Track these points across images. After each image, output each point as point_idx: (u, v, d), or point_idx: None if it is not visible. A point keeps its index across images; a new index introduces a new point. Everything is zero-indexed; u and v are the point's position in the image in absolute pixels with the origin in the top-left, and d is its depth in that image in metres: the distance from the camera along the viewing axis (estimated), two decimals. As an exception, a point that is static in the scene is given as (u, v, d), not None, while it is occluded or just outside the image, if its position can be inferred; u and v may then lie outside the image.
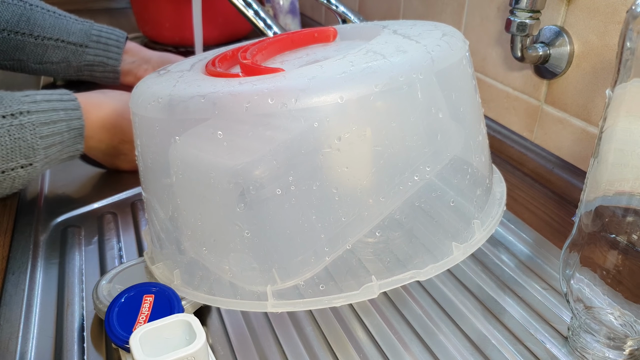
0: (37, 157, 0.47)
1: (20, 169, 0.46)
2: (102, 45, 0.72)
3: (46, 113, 0.48)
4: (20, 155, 0.45)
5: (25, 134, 0.45)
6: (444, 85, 0.36)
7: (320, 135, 0.32)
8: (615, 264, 0.34)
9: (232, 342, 0.39)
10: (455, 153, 0.37)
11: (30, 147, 0.46)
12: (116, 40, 0.73)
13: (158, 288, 0.38)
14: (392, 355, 0.38)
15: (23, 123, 0.45)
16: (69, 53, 0.71)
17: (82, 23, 0.72)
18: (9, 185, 0.47)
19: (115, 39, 0.73)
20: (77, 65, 0.72)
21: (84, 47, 0.71)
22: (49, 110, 0.48)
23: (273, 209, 0.34)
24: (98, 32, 0.72)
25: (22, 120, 0.45)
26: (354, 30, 0.48)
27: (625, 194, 0.33)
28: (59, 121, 0.49)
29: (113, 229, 0.52)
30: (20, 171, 0.46)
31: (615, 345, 0.36)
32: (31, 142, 0.46)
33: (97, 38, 0.72)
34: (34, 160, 0.47)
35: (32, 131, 0.46)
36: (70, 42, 0.70)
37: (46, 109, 0.48)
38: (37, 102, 0.48)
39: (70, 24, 0.70)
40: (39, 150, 0.47)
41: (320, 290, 0.35)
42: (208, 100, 0.33)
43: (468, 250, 0.37)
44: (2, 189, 0.47)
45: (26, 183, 0.49)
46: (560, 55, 0.55)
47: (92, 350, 0.38)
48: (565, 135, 0.57)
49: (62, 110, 0.50)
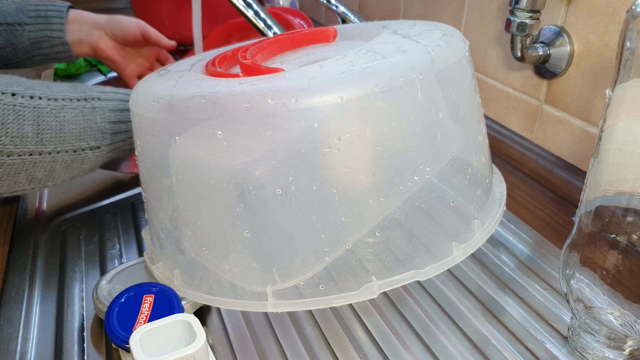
0: (105, 142, 0.49)
1: (89, 151, 0.48)
2: (42, 19, 0.69)
3: (114, 102, 0.51)
4: (91, 136, 0.48)
5: (97, 117, 0.48)
6: (444, 85, 0.36)
7: (320, 135, 0.32)
8: (615, 264, 0.34)
9: (232, 342, 0.39)
10: (455, 153, 0.37)
11: (100, 130, 0.49)
12: (56, 10, 0.70)
13: (158, 288, 0.38)
14: (392, 355, 0.38)
15: (95, 107, 0.49)
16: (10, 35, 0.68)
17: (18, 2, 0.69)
18: (78, 166, 0.48)
19: (56, 9, 0.70)
20: (23, 46, 0.69)
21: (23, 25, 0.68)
22: (116, 100, 0.51)
23: (273, 209, 0.34)
24: (35, 7, 0.69)
25: (94, 104, 0.49)
26: (354, 30, 0.48)
27: (625, 194, 0.33)
28: (125, 110, 0.51)
29: (113, 229, 0.52)
30: (89, 153, 0.48)
31: (615, 345, 0.36)
32: (101, 125, 0.49)
33: (35, 13, 0.69)
34: (102, 144, 0.49)
35: (102, 115, 0.49)
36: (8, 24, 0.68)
37: (114, 98, 0.51)
38: (105, 92, 0.51)
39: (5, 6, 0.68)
40: (107, 134, 0.49)
41: (320, 290, 0.35)
42: (208, 100, 0.33)
43: (468, 250, 0.37)
44: (72, 169, 0.48)
45: (92, 167, 0.50)
46: (560, 55, 0.55)
47: (92, 350, 0.38)
48: (565, 135, 0.57)
49: (127, 102, 0.51)
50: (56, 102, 0.46)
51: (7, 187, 0.45)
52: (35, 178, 0.46)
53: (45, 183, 0.47)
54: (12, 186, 0.45)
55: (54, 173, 0.47)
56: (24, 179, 0.45)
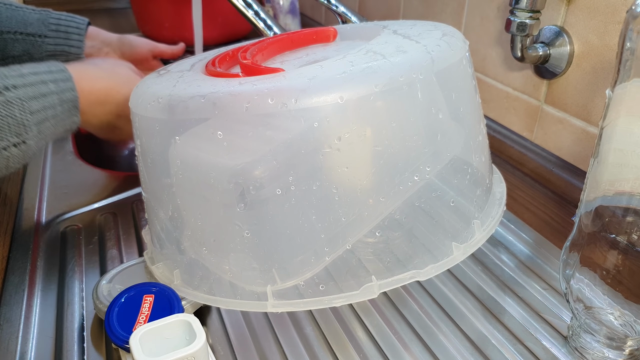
0: (30, 134, 0.44)
1: (13, 148, 0.43)
2: (62, 33, 0.69)
3: (34, 87, 0.44)
4: (10, 133, 0.42)
5: (14, 111, 0.42)
6: (444, 85, 0.36)
7: (320, 135, 0.32)
8: (615, 264, 0.34)
9: (232, 342, 0.39)
10: (455, 153, 0.37)
11: (20, 124, 0.43)
12: (76, 27, 0.70)
13: (158, 288, 0.38)
14: (392, 355, 0.38)
15: (10, 99, 0.42)
16: (29, 45, 0.67)
17: (39, 13, 0.69)
18: (3, 165, 0.43)
19: (76, 26, 0.70)
20: (39, 57, 0.69)
21: (43, 37, 0.68)
22: (37, 84, 0.45)
23: (273, 209, 0.34)
24: (56, 21, 0.69)
25: (8, 96, 0.42)
26: (354, 30, 0.48)
27: (625, 194, 0.33)
28: (50, 94, 0.46)
29: (113, 229, 0.52)
30: (13, 150, 0.43)
31: (615, 345, 0.36)
32: (20, 118, 0.43)
33: (56, 27, 0.69)
34: (26, 138, 0.43)
35: (20, 107, 0.43)
36: (28, 34, 0.67)
37: (34, 82, 0.45)
38: (23, 75, 0.45)
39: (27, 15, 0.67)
40: (30, 126, 0.44)
41: (320, 290, 0.35)
42: (208, 100, 0.33)
43: (468, 250, 0.37)
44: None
45: (23, 162, 0.45)
46: (560, 55, 0.55)
47: (92, 350, 0.38)
48: (565, 135, 0.57)
49: (51, 82, 0.46)
50: None
51: None
52: None
53: None
54: None
55: None
56: None
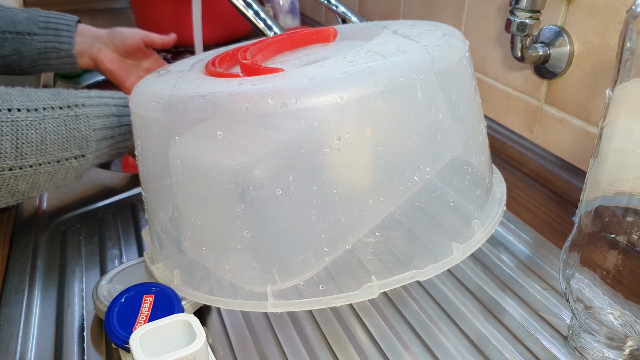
0: (90, 149, 0.48)
1: (73, 160, 0.47)
2: (52, 30, 0.70)
3: (99, 107, 0.49)
4: (75, 145, 0.47)
5: (80, 125, 0.47)
6: (444, 85, 0.36)
7: (320, 135, 0.32)
8: (615, 264, 0.34)
9: (232, 342, 0.39)
10: (455, 153, 0.37)
11: (84, 139, 0.47)
12: (66, 24, 0.71)
13: (158, 288, 0.38)
14: (392, 355, 0.38)
15: (78, 114, 0.47)
16: (18, 44, 0.69)
17: (28, 12, 0.70)
18: (62, 175, 0.48)
19: (65, 23, 0.71)
20: (30, 55, 0.70)
21: (33, 35, 0.69)
22: (101, 105, 0.50)
23: (273, 209, 0.34)
24: (45, 19, 0.70)
25: (77, 112, 0.47)
26: (354, 31, 0.48)
27: (625, 194, 0.33)
28: (111, 116, 0.50)
29: (113, 229, 0.52)
30: (74, 162, 0.47)
31: (615, 345, 0.36)
32: (85, 133, 0.47)
33: (45, 24, 0.69)
34: (86, 152, 0.48)
35: (86, 123, 0.48)
36: (17, 32, 0.68)
37: (99, 104, 0.50)
38: (90, 97, 0.50)
39: (16, 15, 0.69)
40: (91, 142, 0.48)
41: (320, 290, 0.35)
42: (208, 100, 0.33)
43: (468, 250, 0.37)
44: (57, 180, 0.48)
45: (78, 175, 0.49)
46: (560, 55, 0.55)
47: (92, 350, 0.38)
48: (565, 135, 0.57)
49: (114, 106, 0.51)
50: (36, 112, 0.45)
51: None
52: (18, 191, 0.45)
53: (29, 194, 0.47)
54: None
55: (37, 185, 0.46)
56: (6, 193, 0.45)
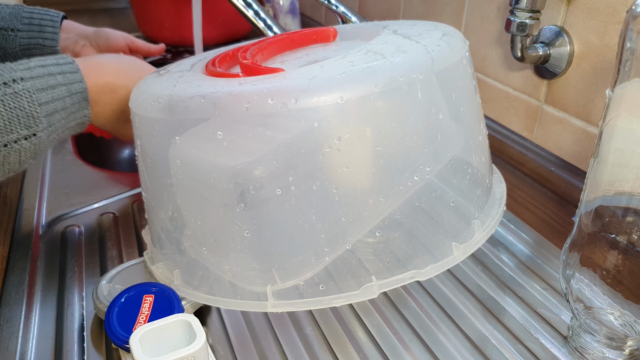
0: (40, 126, 0.44)
1: (23, 141, 0.43)
2: (36, 27, 0.68)
3: (42, 78, 0.44)
4: (20, 125, 0.42)
5: (22, 102, 0.42)
6: (444, 86, 0.36)
7: (320, 135, 0.32)
8: (615, 264, 0.34)
9: (232, 342, 0.39)
10: (455, 153, 0.37)
11: (29, 116, 0.43)
12: (50, 20, 0.69)
13: (158, 288, 0.38)
14: (392, 355, 0.38)
15: (17, 91, 0.42)
16: (2, 40, 0.67)
17: (12, 7, 0.68)
18: (16, 159, 0.43)
19: (50, 19, 0.69)
20: (13, 51, 0.68)
21: (16, 31, 0.67)
22: (45, 76, 0.45)
23: (273, 209, 0.34)
24: (29, 14, 0.68)
25: (16, 88, 0.42)
26: (354, 30, 0.48)
27: (625, 194, 0.33)
28: (58, 86, 0.45)
29: (113, 229, 0.52)
30: (24, 143, 0.43)
31: (615, 345, 0.36)
32: (29, 110, 0.43)
33: (29, 20, 0.68)
34: (36, 130, 0.43)
35: (29, 99, 0.43)
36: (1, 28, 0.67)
37: (42, 74, 0.45)
38: (30, 68, 0.45)
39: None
40: (39, 118, 0.43)
41: (320, 290, 0.35)
42: (208, 100, 0.33)
43: (468, 250, 0.37)
44: (11, 164, 0.44)
45: (35, 156, 0.45)
46: (560, 55, 0.55)
47: (92, 350, 0.38)
48: (565, 135, 0.57)
49: (59, 74, 0.46)
50: None
51: None
52: None
53: None
54: None
55: None
56: None
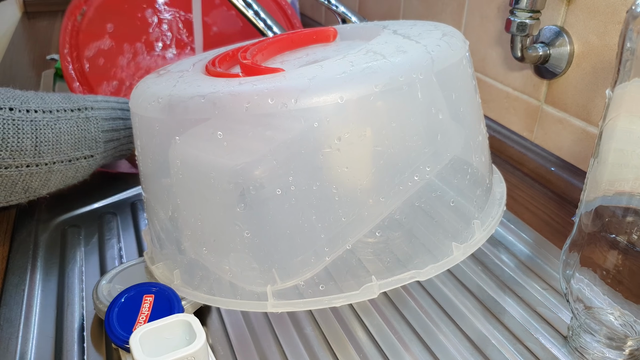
0: (98, 150, 0.51)
1: (83, 160, 0.50)
2: None
3: (106, 110, 0.52)
4: (86, 146, 0.50)
5: (90, 127, 0.50)
6: (444, 86, 0.36)
7: (320, 135, 0.32)
8: (615, 264, 0.34)
9: (232, 342, 0.39)
10: (455, 153, 0.37)
11: (94, 140, 0.50)
12: None
13: (158, 288, 0.38)
14: (392, 355, 0.38)
15: (89, 117, 0.50)
16: None
17: None
18: (72, 174, 0.50)
19: None
20: None
21: None
22: (108, 109, 0.53)
23: (273, 209, 0.34)
24: None
25: (87, 114, 0.50)
26: (354, 31, 0.48)
27: (625, 194, 0.33)
28: (117, 119, 0.53)
29: (113, 229, 0.52)
30: (84, 162, 0.50)
31: (615, 345, 0.36)
32: (95, 134, 0.50)
33: None
34: (95, 152, 0.51)
35: (95, 125, 0.50)
36: None
37: (106, 107, 0.53)
38: (98, 101, 0.53)
39: None
40: (100, 143, 0.51)
41: (320, 290, 0.35)
42: (208, 100, 0.33)
43: (468, 250, 0.37)
44: (67, 178, 0.50)
45: (86, 175, 0.52)
46: (560, 55, 0.55)
47: (92, 350, 0.38)
48: (565, 135, 0.57)
49: (119, 110, 0.54)
50: (52, 114, 0.48)
51: (4, 197, 0.46)
52: (31, 188, 0.47)
53: (40, 192, 0.49)
54: (8, 196, 0.47)
55: (49, 182, 0.48)
56: (20, 189, 0.47)
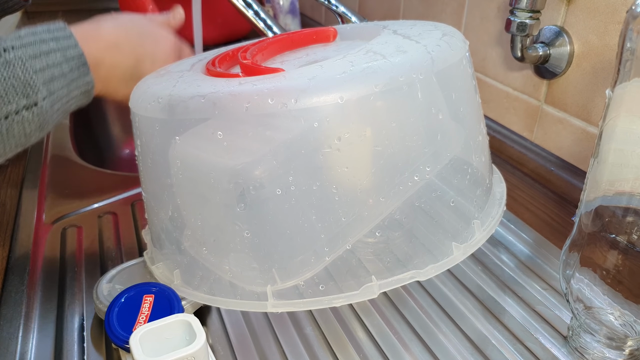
0: (39, 95, 0.42)
1: (24, 112, 0.41)
2: None
3: (34, 46, 0.43)
4: (18, 94, 0.41)
5: (16, 71, 0.41)
6: (444, 86, 0.36)
7: (320, 135, 0.32)
8: (615, 264, 0.34)
9: (232, 342, 0.39)
10: (455, 153, 0.37)
11: (26, 84, 0.41)
12: None
13: (158, 288, 0.38)
14: (392, 355, 0.38)
15: (9, 60, 0.41)
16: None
17: None
18: (21, 132, 0.42)
19: None
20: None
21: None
22: (36, 43, 0.43)
23: (273, 209, 0.34)
24: None
25: (7, 57, 0.41)
26: (354, 31, 0.48)
27: (625, 194, 0.33)
28: (52, 52, 0.44)
29: (113, 229, 0.52)
30: (26, 113, 0.41)
31: (615, 345, 0.36)
32: (24, 78, 0.41)
33: None
34: (36, 99, 0.42)
35: (22, 67, 0.41)
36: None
37: (33, 42, 0.43)
38: (20, 37, 0.43)
39: None
40: (37, 86, 0.42)
41: (320, 290, 0.35)
42: (208, 100, 0.33)
43: (468, 250, 0.37)
44: (16, 138, 0.42)
45: (41, 128, 0.43)
46: (560, 55, 0.55)
47: (92, 350, 0.38)
48: (565, 135, 0.57)
49: (52, 41, 0.45)
50: None
51: None
52: None
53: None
54: None
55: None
56: None
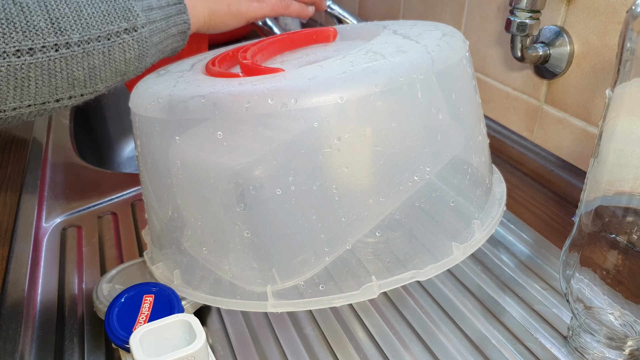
0: (139, 20, 0.43)
1: (124, 34, 0.42)
2: None
3: None
4: (118, 16, 0.42)
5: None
6: (444, 86, 0.36)
7: (320, 135, 0.32)
8: (615, 264, 0.34)
9: (232, 342, 0.39)
10: (455, 153, 0.37)
11: (126, 9, 0.43)
12: None
13: (158, 288, 0.38)
14: (392, 355, 0.38)
15: None
16: None
17: None
18: (120, 56, 0.43)
19: None
20: None
21: None
22: None
23: (273, 209, 0.34)
24: None
25: None
26: (354, 31, 0.48)
27: (625, 194, 0.33)
28: None
29: (113, 229, 0.52)
30: (126, 37, 0.42)
31: (615, 345, 0.36)
32: (125, 4, 0.43)
33: None
34: (135, 24, 0.43)
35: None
36: None
37: None
38: None
39: None
40: (136, 11, 0.43)
41: (320, 290, 0.35)
42: (208, 100, 0.33)
43: (468, 250, 0.37)
44: (117, 63, 0.43)
45: (139, 57, 0.44)
46: (560, 55, 0.55)
47: (92, 350, 0.38)
48: (565, 135, 0.57)
49: None
50: None
51: (49, 93, 0.40)
52: (77, 79, 0.40)
53: (91, 86, 0.42)
54: (53, 92, 0.40)
55: (95, 70, 0.41)
56: (64, 82, 0.40)
